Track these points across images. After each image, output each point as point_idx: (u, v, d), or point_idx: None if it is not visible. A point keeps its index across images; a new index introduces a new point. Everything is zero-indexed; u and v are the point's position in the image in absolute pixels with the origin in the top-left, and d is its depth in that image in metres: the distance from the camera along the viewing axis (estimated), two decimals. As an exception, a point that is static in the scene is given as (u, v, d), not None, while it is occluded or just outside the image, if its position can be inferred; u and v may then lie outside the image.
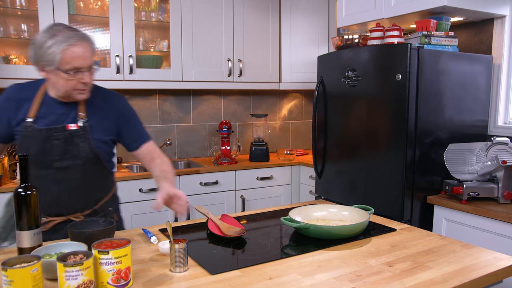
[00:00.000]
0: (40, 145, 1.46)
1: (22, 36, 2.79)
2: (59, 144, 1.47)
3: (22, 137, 1.47)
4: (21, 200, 1.22)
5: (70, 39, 1.35)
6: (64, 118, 1.49)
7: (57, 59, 1.35)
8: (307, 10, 3.47)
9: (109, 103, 1.57)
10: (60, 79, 1.40)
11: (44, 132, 1.46)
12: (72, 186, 1.52)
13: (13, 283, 0.93)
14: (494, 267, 1.22)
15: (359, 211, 1.62)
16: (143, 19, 3.09)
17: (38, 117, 1.48)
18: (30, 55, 1.42)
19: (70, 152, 1.49)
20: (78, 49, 1.37)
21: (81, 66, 1.39)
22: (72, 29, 1.40)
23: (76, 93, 1.45)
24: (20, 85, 1.55)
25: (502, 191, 2.05)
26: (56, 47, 1.34)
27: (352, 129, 2.52)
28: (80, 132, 1.49)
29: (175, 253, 1.18)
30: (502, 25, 2.48)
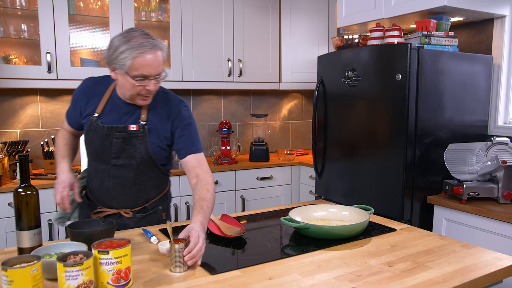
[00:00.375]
0: (101, 141, 1.54)
1: (22, 36, 2.79)
2: (118, 142, 1.53)
3: (87, 131, 1.57)
4: (21, 200, 1.22)
5: (142, 47, 1.37)
6: (127, 118, 1.55)
7: (128, 64, 1.38)
8: (307, 10, 3.47)
9: (169, 108, 1.57)
10: (127, 83, 1.44)
11: (106, 130, 1.53)
12: (125, 184, 1.58)
13: (13, 283, 0.93)
14: (494, 267, 1.22)
15: (359, 211, 1.62)
16: (143, 19, 3.09)
17: (104, 113, 1.56)
18: (104, 55, 1.46)
19: (127, 152, 1.54)
20: (149, 58, 1.38)
21: (149, 74, 1.41)
22: (147, 36, 1.41)
23: (139, 98, 1.49)
24: (95, 79, 1.62)
25: (502, 191, 2.05)
26: (128, 53, 1.37)
27: (352, 129, 2.52)
28: (139, 134, 1.53)
29: (175, 253, 1.18)
30: (502, 25, 2.48)
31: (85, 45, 2.96)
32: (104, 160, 1.56)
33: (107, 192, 1.60)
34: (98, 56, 3.02)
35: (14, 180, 2.57)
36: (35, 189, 1.24)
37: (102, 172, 1.59)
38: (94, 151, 1.57)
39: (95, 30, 2.98)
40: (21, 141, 2.73)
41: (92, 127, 1.55)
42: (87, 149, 1.61)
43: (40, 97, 3.00)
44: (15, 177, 2.58)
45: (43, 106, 3.01)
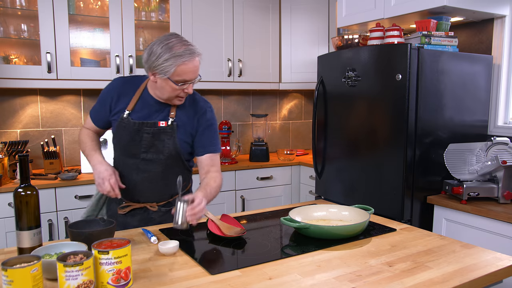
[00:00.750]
0: (131, 136, 1.62)
1: (22, 36, 2.79)
2: (148, 137, 1.62)
3: (118, 127, 1.65)
4: (21, 200, 1.22)
5: (185, 56, 1.49)
6: (157, 115, 1.64)
7: (171, 71, 1.49)
8: (307, 10, 3.47)
9: (195, 108, 1.68)
10: (167, 87, 1.54)
11: (137, 125, 1.62)
12: (152, 178, 1.65)
13: (13, 283, 0.93)
14: (494, 267, 1.22)
15: (359, 211, 1.62)
16: (143, 19, 3.09)
17: (134, 110, 1.64)
18: (144, 59, 1.55)
19: (156, 147, 1.63)
20: (191, 65, 1.51)
21: (190, 79, 1.53)
22: (186, 43, 1.52)
23: (177, 99, 1.60)
24: (124, 79, 1.72)
25: (502, 191, 2.05)
26: (172, 61, 1.48)
27: (352, 129, 2.52)
28: (168, 130, 1.63)
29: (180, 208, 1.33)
30: (502, 25, 2.48)
31: (85, 45, 2.96)
32: (133, 155, 1.65)
33: (134, 186, 1.68)
34: (98, 56, 3.02)
35: (14, 180, 2.57)
36: (35, 189, 1.24)
37: (130, 167, 1.66)
38: (124, 146, 1.65)
39: (95, 30, 2.98)
40: (21, 141, 2.73)
41: (123, 123, 1.63)
42: (117, 145, 1.69)
43: (40, 97, 3.00)
44: (15, 177, 2.58)
45: (43, 106, 3.01)
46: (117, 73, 2.89)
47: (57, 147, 2.85)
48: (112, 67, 2.89)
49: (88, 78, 2.82)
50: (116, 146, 1.70)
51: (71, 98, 3.10)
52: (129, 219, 1.72)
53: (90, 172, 2.81)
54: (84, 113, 3.15)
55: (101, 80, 2.86)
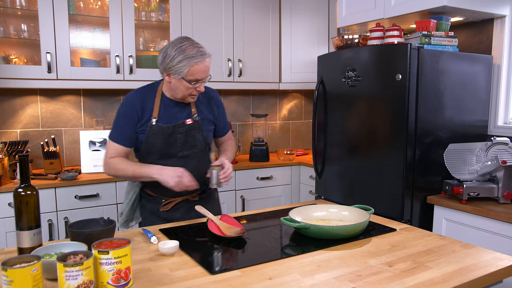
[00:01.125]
0: (166, 139, 1.75)
1: (22, 36, 2.79)
2: (181, 137, 1.77)
3: (149, 135, 1.74)
4: (21, 200, 1.22)
5: (197, 57, 1.63)
6: (180, 115, 1.78)
7: (185, 71, 1.63)
8: (307, 10, 3.47)
9: (207, 97, 1.89)
10: (181, 86, 1.68)
11: (170, 129, 1.74)
12: (190, 171, 1.73)
13: (13, 283, 0.93)
14: (494, 267, 1.22)
15: (359, 211, 1.62)
16: (143, 19, 3.09)
17: (160, 116, 1.75)
18: (159, 62, 1.69)
19: (189, 143, 1.79)
20: (203, 65, 1.65)
21: (201, 78, 1.68)
22: (197, 46, 1.65)
23: (190, 97, 1.74)
24: (138, 91, 1.79)
25: (502, 191, 2.05)
26: (186, 62, 1.62)
27: (352, 129, 2.52)
28: (195, 125, 1.79)
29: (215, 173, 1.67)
30: (502, 25, 2.48)
31: (85, 45, 2.96)
32: (170, 155, 1.77)
33: None
34: (98, 56, 3.02)
35: (14, 180, 2.57)
36: (35, 189, 1.24)
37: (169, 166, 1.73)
38: (160, 150, 1.76)
39: (95, 30, 2.98)
40: (21, 141, 2.73)
41: (153, 130, 1.73)
42: (151, 151, 1.77)
43: (40, 97, 3.00)
44: (15, 177, 2.58)
45: (43, 106, 3.01)
46: (117, 73, 2.89)
47: (57, 147, 2.85)
48: (112, 67, 2.89)
49: (88, 78, 2.82)
50: (150, 152, 1.77)
51: (71, 98, 3.10)
52: (172, 214, 1.82)
53: (90, 172, 2.81)
54: (84, 113, 3.15)
55: (101, 80, 2.87)
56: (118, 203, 2.73)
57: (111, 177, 2.69)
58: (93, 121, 3.16)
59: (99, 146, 2.86)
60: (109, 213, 2.69)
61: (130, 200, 1.86)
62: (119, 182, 2.72)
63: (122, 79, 2.92)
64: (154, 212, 1.84)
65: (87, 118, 3.17)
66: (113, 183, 2.70)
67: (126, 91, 3.27)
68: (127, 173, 1.73)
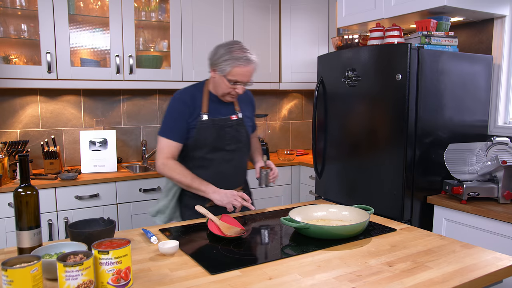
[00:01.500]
0: (217, 132, 1.85)
1: (22, 36, 2.79)
2: (230, 131, 1.88)
3: (200, 129, 1.83)
4: (21, 200, 1.22)
5: (241, 60, 1.75)
6: (225, 111, 1.90)
7: (227, 70, 1.76)
8: (307, 10, 3.47)
9: (248, 99, 2.05)
10: (222, 84, 1.80)
11: (220, 122, 1.86)
12: (236, 165, 1.91)
13: (13, 283, 0.93)
14: (494, 267, 1.22)
15: (359, 211, 1.62)
16: (143, 19, 3.09)
17: (209, 111, 1.86)
18: (209, 57, 1.85)
19: (236, 137, 1.90)
20: (244, 69, 1.76)
21: (241, 81, 1.79)
22: (245, 51, 1.78)
23: (228, 96, 1.85)
24: (186, 88, 1.91)
25: (502, 191, 2.05)
26: (230, 62, 1.75)
27: (352, 129, 2.52)
28: (240, 121, 1.93)
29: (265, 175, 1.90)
30: (502, 25, 2.48)
31: (85, 45, 2.96)
32: (220, 149, 1.87)
33: (222, 177, 1.88)
34: (98, 56, 3.02)
35: (14, 180, 2.57)
36: (35, 189, 1.24)
37: (218, 160, 1.87)
38: (211, 143, 1.84)
39: (95, 30, 2.98)
40: (21, 141, 2.73)
41: (204, 124, 1.83)
42: (201, 145, 1.85)
43: (40, 97, 3.00)
44: (15, 177, 2.58)
45: (43, 106, 3.01)
46: (117, 73, 2.89)
47: (57, 147, 2.85)
48: (112, 67, 2.89)
49: (88, 78, 2.82)
50: (200, 145, 1.85)
51: (71, 98, 3.10)
52: (214, 210, 1.83)
53: (90, 172, 2.81)
54: (84, 113, 3.15)
55: (101, 80, 2.87)
56: (118, 203, 2.73)
57: (111, 177, 2.70)
58: (93, 121, 3.16)
59: (99, 146, 2.86)
60: (109, 213, 2.69)
61: (172, 197, 1.92)
62: (119, 182, 2.72)
63: (122, 79, 2.92)
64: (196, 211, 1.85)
65: (87, 118, 3.17)
66: (113, 183, 2.70)
67: (126, 91, 3.27)
68: (183, 182, 1.81)
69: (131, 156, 3.35)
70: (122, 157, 3.29)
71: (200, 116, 1.84)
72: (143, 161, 3.28)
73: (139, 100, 3.35)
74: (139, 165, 3.21)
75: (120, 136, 3.29)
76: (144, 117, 3.37)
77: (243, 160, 1.97)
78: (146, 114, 3.38)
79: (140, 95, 3.34)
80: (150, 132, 3.41)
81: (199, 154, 1.86)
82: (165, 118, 1.86)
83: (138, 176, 2.78)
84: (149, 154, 3.30)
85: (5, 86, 2.63)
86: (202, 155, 1.86)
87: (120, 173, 2.81)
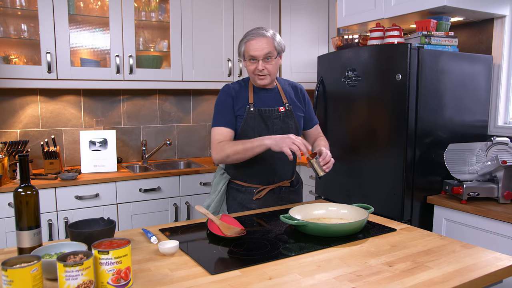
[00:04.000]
0: (264, 123, 1.84)
1: (22, 36, 2.79)
2: (277, 122, 1.86)
3: (247, 119, 1.83)
4: (21, 200, 1.22)
5: (250, 35, 1.78)
6: (272, 102, 1.88)
7: (242, 50, 1.82)
8: (307, 10, 3.47)
9: (294, 88, 2.00)
10: (246, 67, 1.83)
11: (268, 113, 1.85)
12: (283, 157, 1.77)
13: (13, 283, 0.93)
14: (494, 267, 1.22)
15: (358, 209, 1.62)
16: (143, 19, 3.09)
17: (255, 102, 1.85)
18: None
19: (283, 129, 1.86)
20: (254, 42, 1.76)
21: (255, 55, 1.77)
22: (258, 28, 1.80)
23: (256, 78, 1.83)
24: (232, 83, 1.92)
25: (502, 191, 2.05)
26: (242, 41, 1.81)
27: (352, 129, 2.52)
28: (288, 113, 1.89)
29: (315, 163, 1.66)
30: (502, 25, 2.48)
31: (85, 45, 2.96)
32: None
33: (269, 169, 1.87)
34: (98, 56, 3.02)
35: (14, 180, 2.57)
36: (35, 189, 1.24)
37: (264, 152, 1.77)
38: (259, 133, 1.81)
39: (95, 30, 2.98)
40: (21, 141, 2.73)
41: (251, 114, 1.83)
42: (248, 135, 1.82)
43: (40, 97, 3.00)
44: (15, 177, 2.58)
45: (43, 106, 3.01)
46: (117, 73, 2.89)
47: (57, 147, 2.85)
48: (112, 67, 2.89)
49: (88, 78, 2.82)
50: (247, 135, 1.82)
51: (71, 98, 3.10)
52: (263, 202, 1.90)
53: (90, 172, 2.81)
54: (84, 113, 3.15)
55: (101, 80, 2.87)
56: (118, 203, 2.73)
57: (111, 177, 2.70)
58: (93, 121, 3.16)
59: (99, 146, 2.86)
60: (109, 213, 2.69)
61: (219, 192, 1.93)
62: (119, 182, 2.73)
63: (122, 79, 2.92)
64: (244, 204, 1.90)
65: (87, 118, 3.17)
66: (113, 183, 2.70)
67: (126, 91, 3.27)
68: (237, 151, 1.72)
69: (131, 156, 3.35)
70: (122, 157, 3.29)
71: (246, 106, 1.84)
72: (143, 161, 3.28)
73: (139, 100, 3.35)
74: (139, 165, 3.21)
75: (120, 136, 3.29)
76: (144, 117, 3.37)
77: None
78: (146, 114, 3.38)
79: (140, 95, 3.34)
80: (150, 132, 3.41)
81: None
82: (215, 111, 1.87)
83: (138, 176, 2.78)
84: (149, 154, 3.30)
85: (5, 86, 2.63)
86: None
87: (120, 173, 2.81)
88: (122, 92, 3.27)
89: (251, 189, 1.90)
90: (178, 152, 3.54)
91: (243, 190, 1.90)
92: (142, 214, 2.80)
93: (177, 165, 3.42)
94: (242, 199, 1.91)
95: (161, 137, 3.45)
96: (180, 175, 2.93)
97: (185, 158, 3.55)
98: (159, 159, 3.45)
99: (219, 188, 1.93)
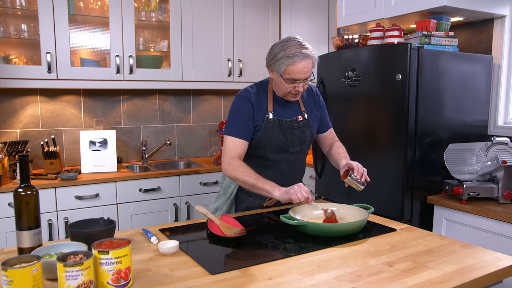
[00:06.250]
0: (283, 133, 1.79)
1: (22, 36, 2.79)
2: (296, 132, 1.82)
3: (265, 128, 1.77)
4: (21, 200, 1.22)
5: (295, 57, 1.64)
6: (290, 111, 1.83)
7: (282, 69, 1.67)
8: (307, 10, 3.47)
9: (311, 93, 1.93)
10: (280, 83, 1.72)
11: (288, 123, 1.80)
12: (297, 166, 1.86)
13: (13, 283, 0.93)
14: (494, 267, 1.22)
15: (358, 209, 1.62)
16: (143, 19, 3.09)
17: (274, 110, 1.79)
18: (266, 57, 1.76)
19: (300, 139, 1.84)
20: (300, 66, 1.65)
21: (299, 78, 1.67)
22: (301, 46, 1.68)
23: (290, 96, 1.76)
24: (250, 87, 1.83)
25: (502, 191, 2.05)
26: (284, 60, 1.65)
27: (352, 129, 2.52)
28: (306, 123, 1.85)
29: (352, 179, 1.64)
30: (502, 25, 2.48)
31: (85, 45, 2.96)
32: (284, 150, 1.82)
33: (282, 178, 1.82)
34: (98, 56, 3.02)
35: (14, 180, 2.57)
36: (35, 189, 1.24)
37: (281, 161, 1.83)
38: (276, 143, 1.79)
39: (95, 30, 2.98)
40: (21, 141, 2.73)
41: (270, 123, 1.77)
42: (265, 145, 1.79)
43: (40, 97, 3.00)
44: (15, 177, 2.58)
45: (43, 106, 3.01)
46: (117, 73, 2.89)
47: (57, 147, 2.85)
48: (112, 67, 2.89)
49: (88, 78, 2.82)
50: (264, 145, 1.79)
51: (71, 98, 3.10)
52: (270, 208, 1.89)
53: (90, 172, 2.81)
54: (84, 113, 3.15)
55: (101, 80, 2.87)
56: (118, 203, 2.73)
57: (111, 177, 2.70)
58: (93, 121, 3.16)
59: (99, 146, 2.86)
60: (109, 213, 2.69)
61: (230, 195, 1.90)
62: (119, 182, 2.73)
63: (122, 79, 2.92)
64: (252, 208, 1.89)
65: (87, 118, 3.17)
66: (113, 183, 2.70)
67: (126, 91, 3.27)
68: (247, 182, 1.68)
69: (131, 156, 3.35)
70: (122, 157, 3.29)
71: (265, 115, 1.76)
72: (143, 161, 3.28)
73: (139, 100, 3.35)
74: (139, 165, 3.21)
75: (120, 136, 3.29)
76: (144, 117, 3.37)
77: (303, 160, 1.92)
78: (146, 114, 3.38)
79: (140, 95, 3.34)
80: (150, 132, 3.41)
81: (262, 153, 1.81)
82: (230, 116, 1.77)
83: (138, 176, 2.78)
84: (149, 154, 3.30)
85: (5, 86, 2.63)
86: (265, 154, 1.81)
87: (120, 173, 2.81)
88: (122, 92, 3.27)
89: (260, 197, 1.86)
90: (178, 152, 3.54)
91: (254, 195, 1.86)
92: (142, 214, 2.80)
93: (177, 165, 3.42)
94: (251, 204, 1.89)
95: (161, 137, 3.45)
96: (180, 175, 2.93)
97: (185, 158, 3.55)
98: (159, 159, 3.45)
99: (230, 191, 1.90)
